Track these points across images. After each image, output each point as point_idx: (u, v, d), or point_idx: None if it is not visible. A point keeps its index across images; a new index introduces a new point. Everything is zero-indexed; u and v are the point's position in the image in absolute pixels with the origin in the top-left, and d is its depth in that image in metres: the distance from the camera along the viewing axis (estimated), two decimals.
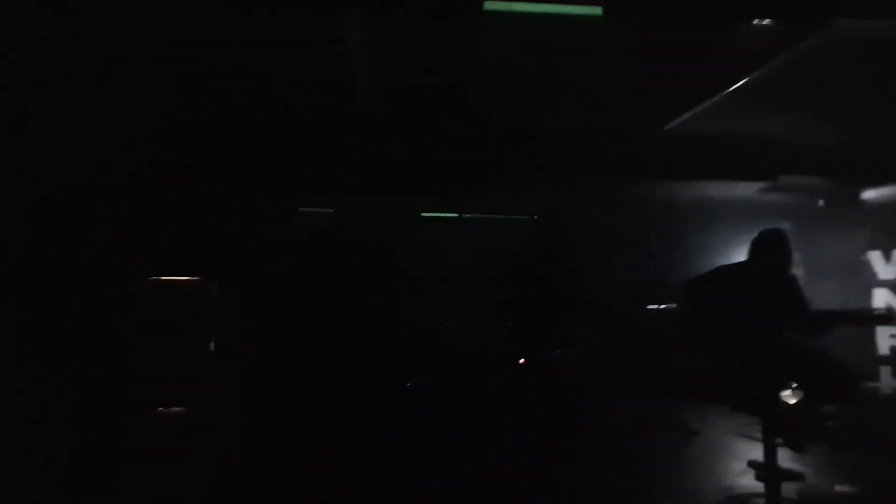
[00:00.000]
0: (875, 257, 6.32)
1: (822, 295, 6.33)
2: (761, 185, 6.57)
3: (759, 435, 3.37)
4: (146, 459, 3.82)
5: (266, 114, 5.22)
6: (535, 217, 6.59)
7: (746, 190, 6.76)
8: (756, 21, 4.05)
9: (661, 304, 6.25)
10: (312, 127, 5.39)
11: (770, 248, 3.43)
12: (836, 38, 4.07)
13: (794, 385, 3.64)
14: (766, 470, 3.25)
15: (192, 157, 5.01)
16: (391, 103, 5.30)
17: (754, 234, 3.56)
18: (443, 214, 7.08)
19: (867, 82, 4.58)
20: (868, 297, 6.31)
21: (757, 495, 3.48)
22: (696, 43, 4.32)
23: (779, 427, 3.24)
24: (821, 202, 7.16)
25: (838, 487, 3.61)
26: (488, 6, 4.05)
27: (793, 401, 3.61)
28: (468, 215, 6.87)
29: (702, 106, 5.35)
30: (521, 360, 5.90)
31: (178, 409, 4.43)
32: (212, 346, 4.56)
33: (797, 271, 3.53)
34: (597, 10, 3.94)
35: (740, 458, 3.98)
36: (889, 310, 6.03)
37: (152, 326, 4.46)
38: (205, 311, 4.69)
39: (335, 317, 5.49)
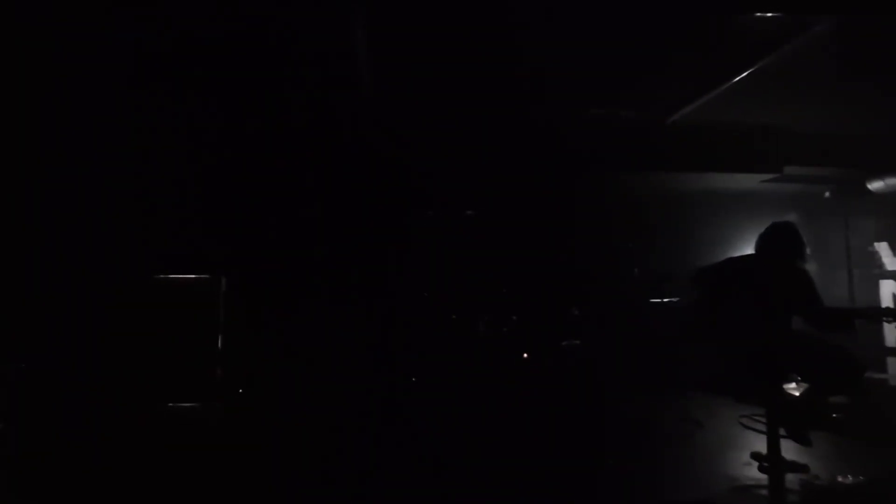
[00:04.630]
0: (882, 248, 6.29)
1: (830, 285, 6.32)
2: (767, 175, 6.53)
3: (762, 426, 3.38)
4: (155, 454, 3.87)
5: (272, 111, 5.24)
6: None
7: (752, 181, 6.73)
8: (762, 11, 4.02)
9: (665, 298, 6.25)
10: (316, 124, 5.40)
11: (778, 241, 3.43)
12: (843, 28, 4.05)
13: (799, 377, 3.64)
14: (770, 461, 3.26)
15: (196, 155, 5.04)
16: (395, 98, 5.29)
17: (762, 226, 3.55)
18: (447, 210, 7.06)
19: (872, 72, 4.55)
20: (875, 288, 6.28)
21: (761, 486, 3.49)
22: (701, 33, 4.30)
23: (783, 419, 3.24)
24: (827, 193, 7.12)
25: (842, 479, 3.62)
26: None
27: (798, 392, 3.62)
28: (471, 211, 6.86)
29: (706, 97, 5.32)
30: (525, 355, 5.93)
31: (188, 404, 4.49)
32: (220, 341, 4.60)
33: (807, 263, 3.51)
34: None
35: (745, 449, 3.99)
36: None
37: (160, 323, 4.52)
38: (213, 307, 4.73)
39: (341, 312, 5.53)
